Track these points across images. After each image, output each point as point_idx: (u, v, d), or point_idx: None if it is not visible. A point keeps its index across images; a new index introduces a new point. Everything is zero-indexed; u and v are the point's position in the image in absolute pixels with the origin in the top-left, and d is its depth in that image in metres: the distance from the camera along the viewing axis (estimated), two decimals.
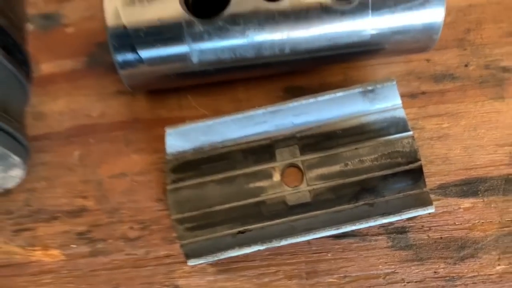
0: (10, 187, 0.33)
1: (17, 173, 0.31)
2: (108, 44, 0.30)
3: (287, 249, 0.32)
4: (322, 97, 0.32)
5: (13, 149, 0.29)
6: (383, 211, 0.30)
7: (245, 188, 0.32)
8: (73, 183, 0.34)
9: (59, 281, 0.32)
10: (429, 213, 0.31)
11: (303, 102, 0.32)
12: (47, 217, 0.33)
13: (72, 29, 0.37)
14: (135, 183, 0.34)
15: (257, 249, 0.30)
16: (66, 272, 0.32)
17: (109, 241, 0.33)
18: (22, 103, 0.31)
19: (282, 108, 0.32)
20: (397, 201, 0.31)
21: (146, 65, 0.31)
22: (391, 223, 0.32)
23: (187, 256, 0.31)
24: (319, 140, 0.33)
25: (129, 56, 0.30)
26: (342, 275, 0.31)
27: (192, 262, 0.30)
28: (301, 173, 0.32)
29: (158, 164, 0.34)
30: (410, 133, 0.32)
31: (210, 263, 0.31)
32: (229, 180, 0.32)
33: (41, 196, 0.34)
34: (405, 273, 0.31)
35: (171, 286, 0.32)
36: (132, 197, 0.33)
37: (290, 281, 0.31)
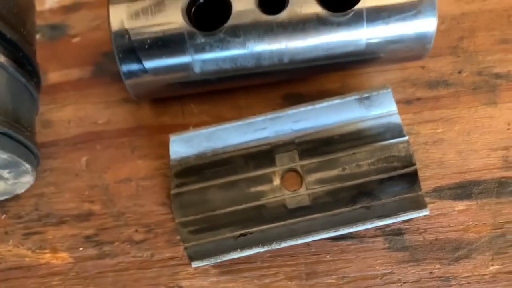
0: (20, 192, 0.33)
1: (27, 179, 0.31)
2: (114, 55, 0.30)
3: (287, 251, 0.32)
4: (320, 104, 0.32)
5: (24, 157, 0.29)
6: (379, 214, 0.31)
7: (246, 192, 0.32)
8: (80, 188, 0.34)
9: (67, 282, 0.33)
10: (424, 216, 0.31)
11: (302, 109, 0.32)
12: (56, 221, 0.34)
13: (78, 39, 0.38)
14: (140, 188, 0.34)
15: (258, 251, 0.30)
16: (74, 274, 0.33)
17: (115, 244, 0.33)
18: (32, 112, 0.31)
19: (281, 115, 0.32)
20: (393, 204, 0.31)
21: (150, 75, 0.31)
22: (388, 225, 0.32)
23: (191, 258, 0.31)
24: (317, 146, 0.33)
25: (134, 67, 0.31)
26: (340, 276, 0.32)
27: (196, 264, 0.31)
28: (300, 177, 0.33)
29: (162, 169, 0.34)
30: (406, 138, 0.32)
31: (213, 264, 0.32)
32: (231, 184, 0.32)
33: (49, 200, 0.34)
34: (401, 273, 0.31)
35: (176, 287, 0.32)
36: (138, 201, 0.34)
37: (290, 282, 0.32)
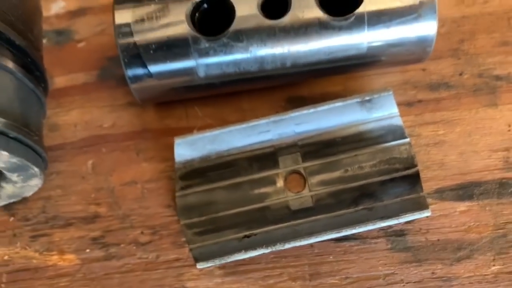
0: (28, 195, 0.34)
1: (36, 182, 0.32)
2: (120, 59, 0.31)
3: (291, 252, 0.32)
4: (322, 107, 0.32)
5: (33, 161, 0.29)
6: (382, 215, 0.31)
7: (250, 194, 0.33)
8: (86, 190, 0.35)
9: (74, 284, 0.33)
10: (426, 217, 0.31)
11: (304, 112, 0.32)
12: (63, 223, 0.34)
13: (84, 44, 0.38)
14: (145, 190, 0.34)
15: (262, 252, 0.31)
16: (81, 275, 0.33)
17: (121, 245, 0.33)
18: (40, 117, 0.32)
19: (284, 117, 0.32)
20: (395, 205, 0.31)
21: (155, 79, 0.31)
22: (390, 226, 0.32)
23: (196, 260, 0.31)
24: (320, 148, 0.33)
25: (139, 71, 0.31)
26: (343, 276, 0.32)
27: (201, 265, 0.31)
28: (303, 179, 0.33)
29: (167, 172, 0.35)
30: (407, 140, 0.32)
31: (217, 266, 0.32)
32: (235, 186, 0.33)
33: (56, 203, 0.34)
34: (404, 274, 0.31)
35: None
36: (143, 203, 0.34)
37: (294, 282, 0.32)
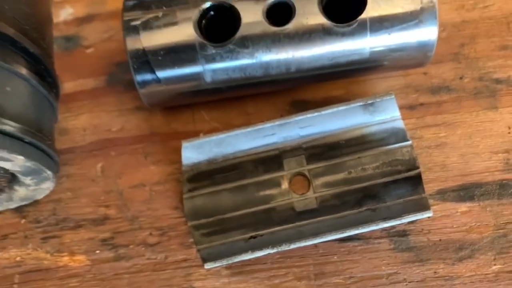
0: (40, 198, 0.34)
1: (48, 185, 0.32)
2: (128, 65, 0.31)
3: (296, 252, 0.33)
4: (326, 110, 0.33)
5: (46, 164, 0.29)
6: (384, 216, 0.31)
7: (255, 196, 0.33)
8: (96, 193, 0.35)
9: (84, 284, 0.33)
10: (428, 217, 0.31)
11: (309, 115, 0.33)
12: (73, 225, 0.34)
13: (92, 50, 0.38)
14: (153, 193, 0.35)
15: (268, 253, 0.31)
16: (91, 276, 0.33)
17: (130, 246, 0.34)
18: (52, 122, 0.32)
19: (289, 121, 0.33)
20: (398, 206, 0.32)
21: (163, 84, 0.32)
22: (393, 227, 0.32)
23: (203, 260, 0.31)
24: (324, 150, 0.33)
25: (148, 77, 0.31)
26: (347, 276, 0.32)
27: (209, 266, 0.31)
28: (307, 181, 0.33)
29: (174, 174, 0.35)
30: (409, 142, 0.33)
31: (224, 266, 0.32)
32: (241, 188, 0.33)
33: (66, 205, 0.35)
34: (406, 273, 0.32)
35: None
36: (151, 205, 0.35)
37: (299, 282, 0.32)
